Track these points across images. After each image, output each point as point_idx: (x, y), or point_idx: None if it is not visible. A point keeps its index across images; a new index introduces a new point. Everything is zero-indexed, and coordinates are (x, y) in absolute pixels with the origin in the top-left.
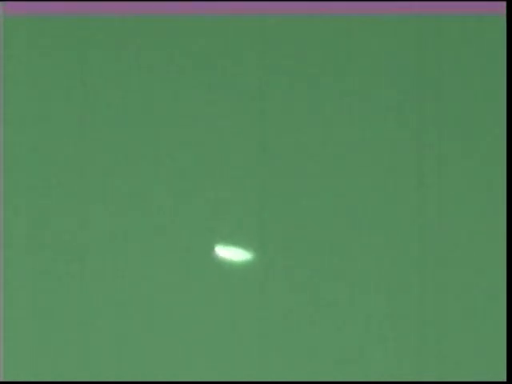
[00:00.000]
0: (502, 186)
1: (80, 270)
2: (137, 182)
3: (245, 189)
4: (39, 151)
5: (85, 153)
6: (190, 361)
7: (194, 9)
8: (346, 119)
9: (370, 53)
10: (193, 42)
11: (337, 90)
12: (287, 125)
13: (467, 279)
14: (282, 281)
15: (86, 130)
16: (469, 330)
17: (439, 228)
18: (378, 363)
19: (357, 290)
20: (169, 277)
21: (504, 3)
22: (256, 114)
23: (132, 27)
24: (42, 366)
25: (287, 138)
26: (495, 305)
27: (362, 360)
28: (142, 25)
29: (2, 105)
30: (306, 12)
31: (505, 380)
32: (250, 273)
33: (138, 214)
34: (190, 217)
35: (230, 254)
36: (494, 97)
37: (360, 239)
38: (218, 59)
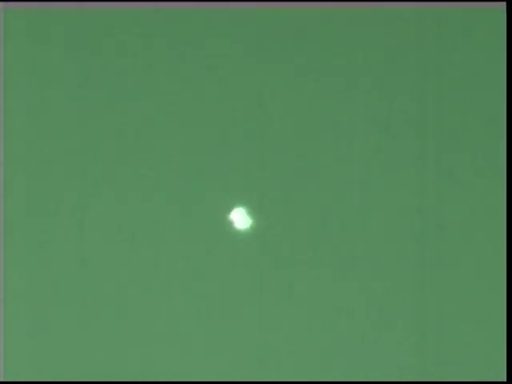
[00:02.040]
0: (502, 184)
1: (80, 269)
2: (137, 175)
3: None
4: (39, 147)
5: (86, 148)
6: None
7: (196, 4)
8: (345, 115)
9: (369, 47)
10: (195, 38)
11: (335, 85)
12: (285, 124)
13: (467, 278)
14: (274, 277)
15: (87, 125)
16: (469, 330)
17: (439, 227)
18: (378, 362)
19: (356, 287)
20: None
21: (504, 3)
22: (255, 111)
23: (132, 21)
24: (42, 366)
25: (285, 137)
26: (495, 305)
27: (361, 359)
28: (142, 18)
29: (2, 100)
30: (303, 6)
31: (505, 380)
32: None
33: (138, 207)
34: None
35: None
36: (494, 94)
37: (359, 237)
38: (221, 55)
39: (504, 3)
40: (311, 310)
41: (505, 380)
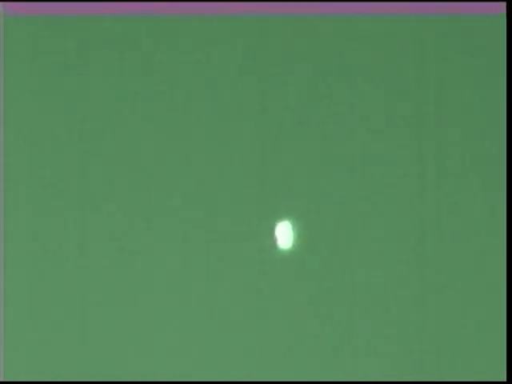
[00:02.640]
0: (502, 184)
1: (80, 268)
2: (137, 175)
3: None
4: (39, 152)
5: (86, 153)
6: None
7: (197, 8)
8: (345, 118)
9: (369, 53)
10: (194, 42)
11: (335, 89)
12: (286, 125)
13: (467, 278)
14: (274, 273)
15: (87, 131)
16: (469, 330)
17: (439, 227)
18: (378, 362)
19: (355, 289)
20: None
21: (504, 3)
22: (256, 113)
23: (133, 27)
24: (42, 366)
25: (287, 142)
26: (495, 305)
27: (361, 359)
28: (143, 25)
29: (1, 105)
30: (303, 11)
31: (505, 380)
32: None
33: (139, 205)
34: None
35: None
36: (495, 97)
37: (360, 233)
38: (222, 58)
39: (504, 3)
40: (311, 310)
41: (505, 380)
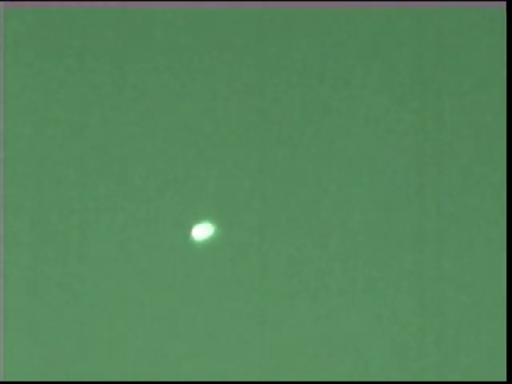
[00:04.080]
0: (502, 184)
1: (81, 269)
2: (136, 175)
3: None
4: (39, 147)
5: (85, 149)
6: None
7: (195, 3)
8: (344, 116)
9: (368, 47)
10: (194, 37)
11: (335, 86)
12: (286, 124)
13: (467, 278)
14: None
15: (87, 126)
16: (469, 330)
17: (438, 230)
18: (377, 362)
19: (355, 287)
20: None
21: (504, 3)
22: (254, 111)
23: (134, 20)
24: (42, 366)
25: (286, 139)
26: (495, 305)
27: (360, 359)
28: (143, 18)
29: (1, 100)
30: (301, 5)
31: (505, 380)
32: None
33: (138, 209)
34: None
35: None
36: (494, 94)
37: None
38: (221, 54)
39: (504, 3)
40: (309, 311)
41: (505, 380)
